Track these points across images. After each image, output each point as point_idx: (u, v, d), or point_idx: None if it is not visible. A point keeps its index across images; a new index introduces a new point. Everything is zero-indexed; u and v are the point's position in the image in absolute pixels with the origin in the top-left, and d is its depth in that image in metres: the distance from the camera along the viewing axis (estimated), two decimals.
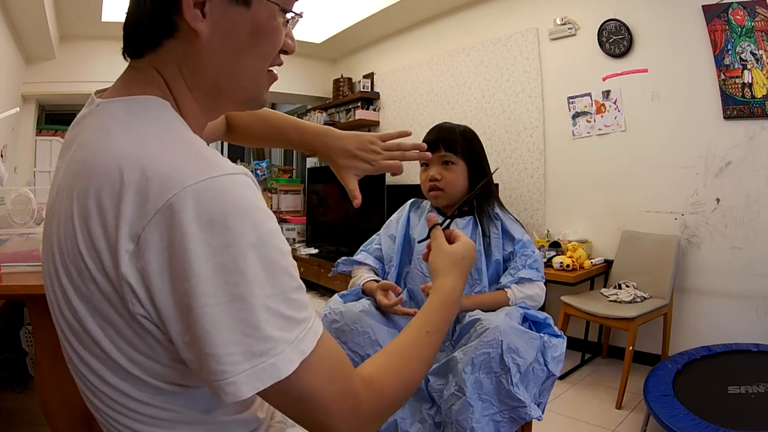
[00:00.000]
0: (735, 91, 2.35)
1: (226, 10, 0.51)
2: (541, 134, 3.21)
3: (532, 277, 1.30)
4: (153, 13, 0.50)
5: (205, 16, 0.50)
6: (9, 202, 1.52)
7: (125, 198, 0.43)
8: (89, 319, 0.48)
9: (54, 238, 0.50)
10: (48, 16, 3.03)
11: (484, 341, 1.09)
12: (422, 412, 1.17)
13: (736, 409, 1.74)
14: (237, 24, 0.52)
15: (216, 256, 0.42)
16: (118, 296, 0.45)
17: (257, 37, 0.54)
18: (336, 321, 1.21)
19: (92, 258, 0.45)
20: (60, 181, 0.52)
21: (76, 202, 0.46)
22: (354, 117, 4.63)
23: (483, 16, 3.60)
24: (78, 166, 0.49)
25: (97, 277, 0.46)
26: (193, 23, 0.50)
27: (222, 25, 0.51)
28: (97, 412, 0.57)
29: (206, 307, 0.42)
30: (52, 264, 0.51)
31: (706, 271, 2.49)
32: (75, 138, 0.53)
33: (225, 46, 0.53)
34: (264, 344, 0.44)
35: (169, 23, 0.51)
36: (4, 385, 2.28)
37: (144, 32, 0.52)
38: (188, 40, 0.51)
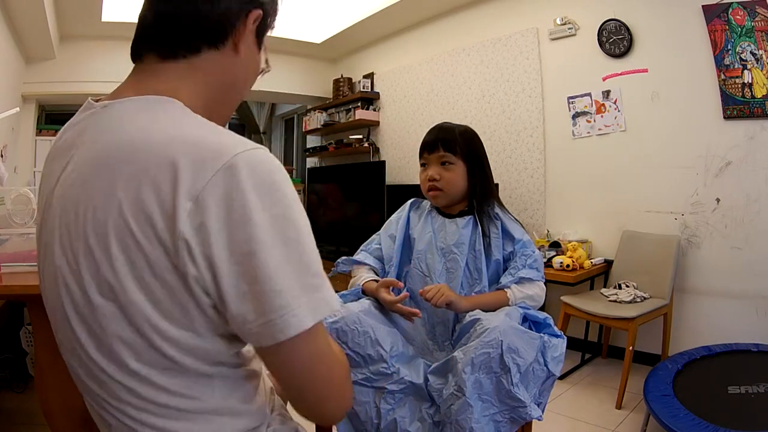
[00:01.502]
0: (735, 91, 2.35)
1: (252, 46, 0.66)
2: (541, 134, 3.21)
3: (532, 276, 1.30)
4: (215, 24, 0.60)
5: (246, 42, 0.64)
6: (9, 202, 1.52)
7: (181, 166, 0.48)
8: (128, 295, 0.50)
9: (73, 227, 0.53)
10: (48, 16, 3.03)
11: (484, 341, 1.09)
12: (421, 411, 1.17)
13: (736, 409, 1.74)
14: (254, 58, 0.67)
15: (271, 209, 0.49)
16: (169, 261, 0.49)
17: (254, 73, 0.70)
18: (336, 321, 1.21)
19: (143, 228, 0.49)
20: (76, 176, 0.54)
21: (123, 184, 0.50)
22: (354, 117, 4.63)
23: (483, 16, 3.60)
24: (113, 153, 0.52)
25: (146, 247, 0.49)
26: (241, 44, 0.63)
27: (249, 54, 0.66)
28: (103, 408, 0.57)
29: (268, 249, 0.49)
30: (69, 251, 0.53)
31: (706, 271, 2.49)
32: (78, 138, 0.57)
33: (244, 70, 0.67)
34: (317, 279, 0.52)
35: (223, 36, 0.61)
36: (4, 385, 2.28)
37: (193, 34, 0.60)
38: (227, 55, 0.63)
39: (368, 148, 4.60)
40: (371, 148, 4.61)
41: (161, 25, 0.60)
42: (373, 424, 1.17)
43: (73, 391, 1.36)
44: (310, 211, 5.28)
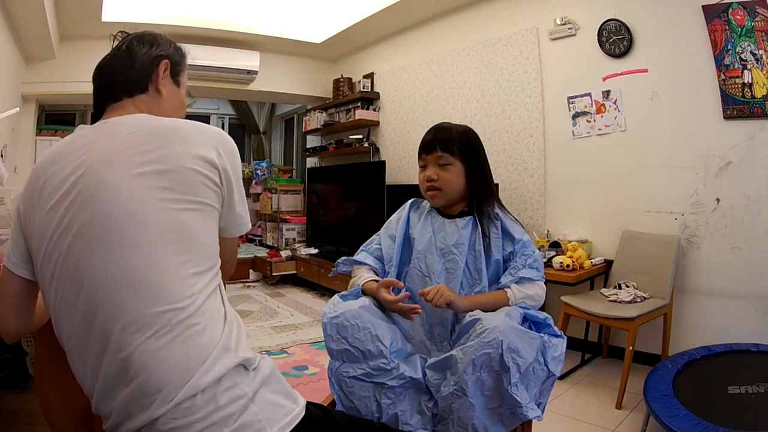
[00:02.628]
0: (735, 91, 2.35)
1: (171, 87, 0.98)
2: (541, 134, 3.21)
3: (532, 276, 1.30)
4: (139, 79, 0.93)
5: (164, 85, 0.96)
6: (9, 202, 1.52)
7: (204, 134, 0.85)
8: (183, 223, 0.77)
9: (120, 179, 0.77)
10: (48, 16, 3.03)
11: (484, 341, 1.09)
12: (421, 404, 1.18)
13: (736, 409, 1.74)
14: (175, 95, 0.99)
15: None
16: (212, 183, 0.82)
17: (180, 106, 1.02)
18: (336, 317, 1.22)
19: (195, 169, 0.80)
20: (119, 149, 0.80)
21: (174, 148, 0.80)
22: (354, 117, 4.63)
23: (483, 16, 3.60)
24: (144, 134, 0.82)
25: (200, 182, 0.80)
26: (161, 87, 0.95)
27: (169, 93, 0.97)
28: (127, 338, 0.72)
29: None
30: (116, 204, 0.75)
31: (706, 271, 2.49)
32: (93, 139, 0.83)
33: (170, 104, 0.97)
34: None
35: (145, 85, 0.94)
36: (4, 385, 2.27)
37: (129, 88, 0.92)
38: (154, 96, 0.95)
39: (368, 148, 4.60)
40: (371, 148, 4.61)
41: (107, 85, 0.94)
42: (374, 418, 1.17)
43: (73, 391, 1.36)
44: (310, 211, 5.29)
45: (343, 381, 1.21)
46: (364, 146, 4.61)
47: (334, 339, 1.21)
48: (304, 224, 5.51)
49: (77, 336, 0.75)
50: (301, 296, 4.55)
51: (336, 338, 1.21)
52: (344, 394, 1.21)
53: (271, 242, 6.12)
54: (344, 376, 1.20)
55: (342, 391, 1.21)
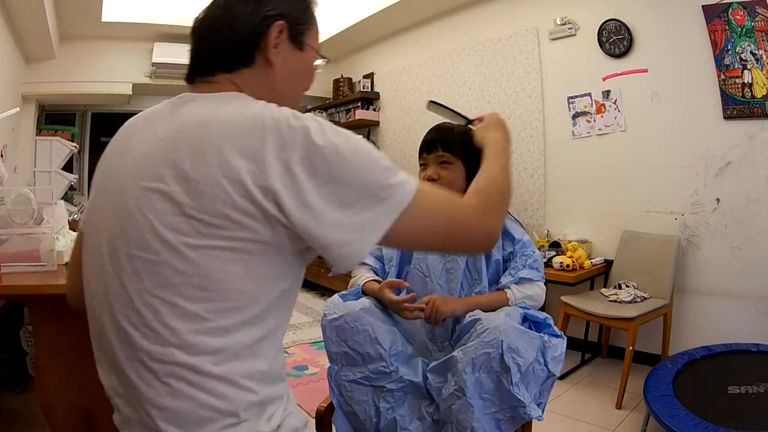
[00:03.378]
0: (735, 91, 2.35)
1: (290, 53, 0.72)
2: (541, 134, 3.21)
3: (532, 277, 1.30)
4: (239, 49, 0.69)
5: (277, 54, 0.71)
6: (9, 202, 1.52)
7: (268, 134, 0.58)
8: (217, 258, 0.58)
9: (155, 186, 0.60)
10: (48, 16, 3.03)
11: (485, 341, 1.09)
12: (421, 410, 1.17)
13: (736, 409, 1.74)
14: (296, 62, 0.74)
15: (343, 143, 0.61)
16: (258, 210, 0.57)
17: (305, 74, 0.78)
18: (336, 319, 1.21)
19: (234, 185, 0.57)
20: (163, 144, 0.62)
21: (217, 151, 0.58)
22: (354, 117, 4.63)
23: (483, 16, 3.60)
24: (208, 127, 0.61)
25: (236, 200, 0.57)
26: (272, 57, 0.70)
27: (286, 61, 0.72)
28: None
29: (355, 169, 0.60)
30: (147, 215, 0.59)
31: (706, 271, 2.49)
32: (175, 113, 0.66)
33: (287, 78, 0.73)
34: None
35: (249, 57, 0.70)
36: (4, 385, 2.27)
37: (226, 59, 0.70)
38: (262, 70, 0.71)
39: None
40: None
41: (199, 52, 0.72)
42: (372, 423, 1.17)
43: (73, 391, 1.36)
44: None
45: (343, 385, 1.20)
46: None
47: (334, 341, 1.21)
48: None
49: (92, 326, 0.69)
50: (301, 296, 4.55)
51: (335, 341, 1.20)
52: (344, 399, 1.20)
53: None
54: (343, 380, 1.20)
55: (341, 396, 1.20)
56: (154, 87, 4.33)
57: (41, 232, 1.48)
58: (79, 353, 1.36)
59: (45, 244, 1.45)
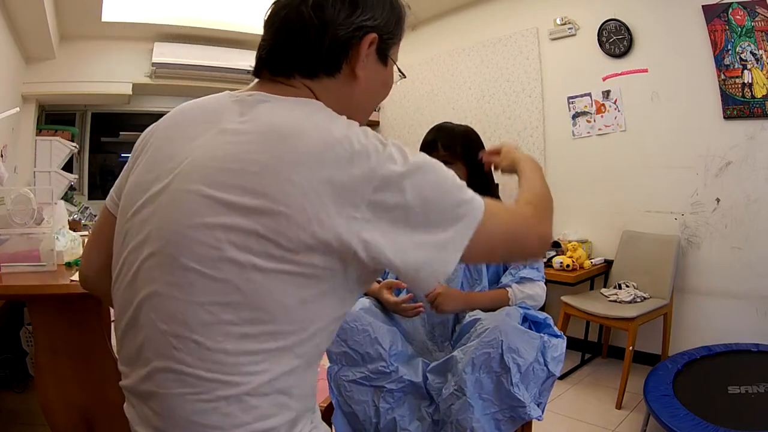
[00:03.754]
0: (735, 91, 2.35)
1: (374, 66, 0.70)
2: (541, 134, 3.21)
3: (533, 277, 1.30)
4: (326, 55, 0.65)
5: (365, 67, 0.68)
6: (9, 202, 1.52)
7: (356, 161, 0.55)
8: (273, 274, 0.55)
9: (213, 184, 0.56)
10: (48, 16, 3.03)
11: (485, 341, 1.09)
12: (421, 410, 1.17)
13: (736, 409, 1.74)
14: (377, 76, 0.72)
15: (426, 166, 0.60)
16: (338, 243, 0.55)
17: (383, 87, 0.75)
18: None
19: (317, 215, 0.54)
20: (254, 137, 0.58)
21: (301, 172, 0.54)
22: None
23: (483, 16, 3.60)
24: (277, 130, 0.58)
25: (316, 230, 0.54)
26: (359, 71, 0.67)
27: (370, 75, 0.69)
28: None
29: (437, 193, 0.59)
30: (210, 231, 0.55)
31: (706, 271, 2.49)
32: (245, 113, 0.62)
33: (367, 91, 0.71)
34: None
35: (336, 66, 0.66)
36: (4, 385, 2.27)
37: (309, 62, 0.66)
38: (345, 81, 0.68)
39: None
40: None
41: (280, 48, 0.67)
42: (371, 424, 1.17)
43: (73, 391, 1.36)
44: None
45: (342, 385, 1.20)
46: None
47: (334, 341, 1.21)
48: None
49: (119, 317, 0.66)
50: None
51: (335, 340, 1.20)
52: (343, 399, 1.20)
53: None
54: (343, 380, 1.20)
55: (341, 396, 1.20)
56: (155, 87, 4.33)
57: (41, 232, 1.48)
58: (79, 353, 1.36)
59: (45, 244, 1.45)
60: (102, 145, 5.23)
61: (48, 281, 1.31)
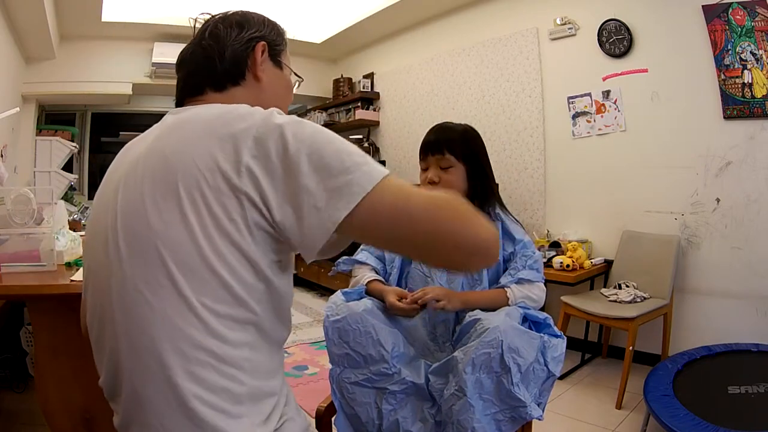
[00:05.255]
0: (735, 91, 2.35)
1: (272, 70, 0.82)
2: (541, 134, 3.21)
3: (532, 278, 1.30)
4: (232, 70, 0.77)
5: (264, 71, 0.80)
6: (9, 202, 1.52)
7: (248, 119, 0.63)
8: (209, 243, 0.60)
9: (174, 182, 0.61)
10: (48, 16, 3.03)
11: (485, 341, 1.09)
12: (423, 411, 1.17)
13: (736, 409, 1.74)
14: (278, 80, 0.83)
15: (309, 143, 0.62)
16: (238, 202, 0.60)
17: (286, 89, 0.85)
18: (338, 321, 1.21)
19: (221, 177, 0.60)
20: (169, 141, 0.65)
21: (218, 144, 0.61)
22: (354, 117, 4.63)
23: (483, 16, 3.60)
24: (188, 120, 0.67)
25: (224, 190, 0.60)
26: (260, 73, 0.79)
27: (271, 78, 0.81)
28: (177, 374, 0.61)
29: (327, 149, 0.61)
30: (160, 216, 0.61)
31: (706, 271, 2.49)
32: (160, 127, 0.71)
33: (272, 93, 0.81)
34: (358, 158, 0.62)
35: (240, 75, 0.78)
36: (4, 385, 2.27)
37: (217, 79, 0.77)
38: (251, 86, 0.79)
39: (368, 148, 4.60)
40: (371, 148, 4.61)
41: (190, 74, 0.78)
42: (374, 425, 1.17)
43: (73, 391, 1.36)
44: None
45: (345, 387, 1.20)
46: (364, 146, 4.61)
47: (336, 343, 1.20)
48: None
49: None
50: (301, 296, 4.55)
51: (338, 342, 1.20)
52: (346, 401, 1.20)
53: None
54: (346, 382, 1.20)
55: (343, 398, 1.20)
56: (154, 87, 4.33)
57: (41, 232, 1.48)
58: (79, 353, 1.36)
59: (45, 244, 1.44)
60: (102, 145, 5.23)
61: (48, 281, 1.30)
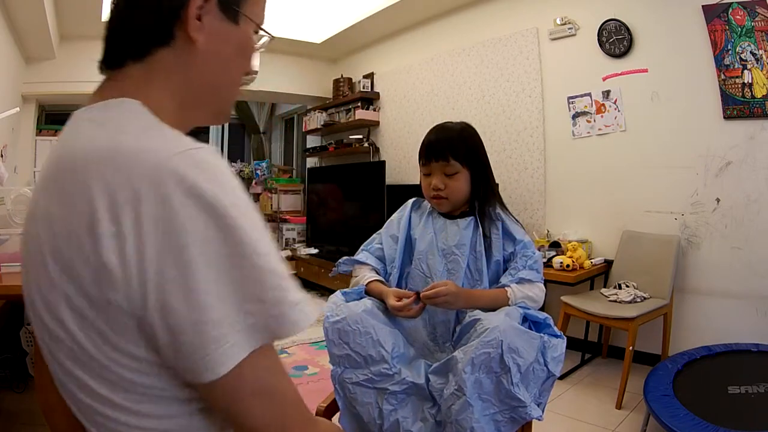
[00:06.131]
0: (735, 91, 2.35)
1: (220, 25, 0.55)
2: (541, 134, 3.21)
3: (532, 278, 1.30)
4: (153, 22, 0.53)
5: (202, 28, 0.54)
6: (9, 202, 1.52)
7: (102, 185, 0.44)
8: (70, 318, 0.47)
9: (43, 243, 0.48)
10: (48, 16, 3.03)
11: (485, 341, 1.09)
12: (424, 411, 1.17)
13: (736, 409, 1.74)
14: (227, 39, 0.57)
15: (207, 227, 0.43)
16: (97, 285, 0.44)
17: (240, 54, 0.59)
18: (338, 321, 1.21)
19: (75, 247, 0.45)
20: (42, 184, 0.52)
21: (65, 199, 0.46)
22: (354, 117, 4.63)
23: (483, 16, 3.60)
24: (59, 165, 0.49)
25: (79, 266, 0.45)
26: (193, 33, 0.53)
27: (214, 38, 0.55)
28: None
29: (197, 271, 0.43)
30: (42, 271, 0.48)
31: (706, 271, 2.49)
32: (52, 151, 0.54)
33: (214, 59, 0.56)
34: (260, 305, 0.45)
35: (167, 32, 0.53)
36: (4, 385, 2.28)
37: (137, 40, 0.54)
38: (183, 49, 0.54)
39: (368, 148, 4.60)
40: (371, 148, 4.60)
41: (110, 33, 0.57)
42: (376, 425, 1.17)
43: None
44: (310, 211, 5.28)
45: (347, 387, 1.20)
46: (364, 146, 4.61)
47: (336, 344, 1.21)
48: (304, 224, 5.50)
49: None
50: None
51: (338, 343, 1.20)
52: (348, 402, 1.21)
53: None
54: (347, 382, 1.20)
55: (346, 398, 1.21)
56: None
57: None
58: None
59: None
60: None
61: None
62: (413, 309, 1.24)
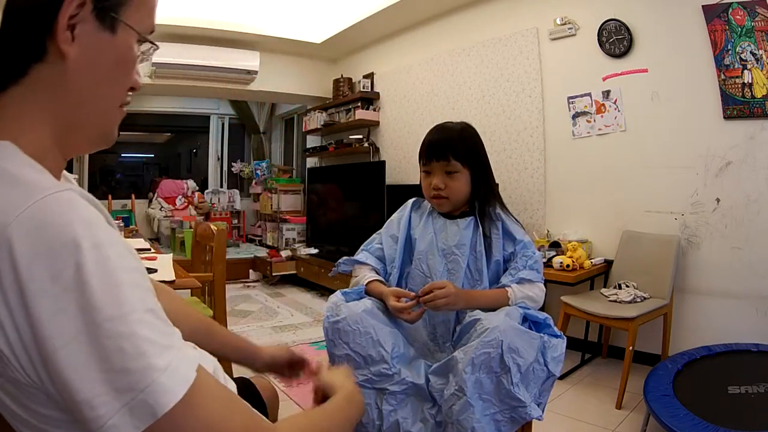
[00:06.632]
0: (735, 91, 2.35)
1: (94, 36, 0.50)
2: (541, 134, 3.21)
3: (532, 278, 1.30)
4: (22, 35, 0.48)
5: (74, 39, 0.48)
6: None
7: None
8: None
9: None
10: None
11: (485, 341, 1.09)
12: (424, 412, 1.17)
13: (736, 409, 1.74)
14: (102, 51, 0.51)
15: (51, 288, 0.40)
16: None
17: (118, 68, 0.53)
18: (338, 321, 1.21)
19: None
20: None
21: None
22: (354, 117, 4.63)
23: (483, 16, 3.60)
24: None
25: None
26: (63, 45, 0.48)
27: (89, 50, 0.50)
28: None
29: (56, 350, 0.40)
30: None
31: (706, 271, 2.49)
32: None
33: (89, 74, 0.51)
34: (127, 377, 0.41)
35: (39, 45, 0.48)
36: None
37: (11, 57, 0.49)
38: (56, 65, 0.49)
39: (368, 148, 4.60)
40: (371, 148, 4.61)
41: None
42: (375, 426, 1.17)
43: None
44: (310, 211, 5.28)
45: None
46: (364, 146, 4.61)
47: (336, 344, 1.21)
48: (304, 224, 5.51)
49: None
50: (301, 296, 4.55)
51: (337, 343, 1.20)
52: None
53: (271, 242, 6.12)
54: None
55: None
56: (155, 87, 4.34)
57: None
58: None
59: None
60: None
61: None
62: (414, 313, 1.24)
